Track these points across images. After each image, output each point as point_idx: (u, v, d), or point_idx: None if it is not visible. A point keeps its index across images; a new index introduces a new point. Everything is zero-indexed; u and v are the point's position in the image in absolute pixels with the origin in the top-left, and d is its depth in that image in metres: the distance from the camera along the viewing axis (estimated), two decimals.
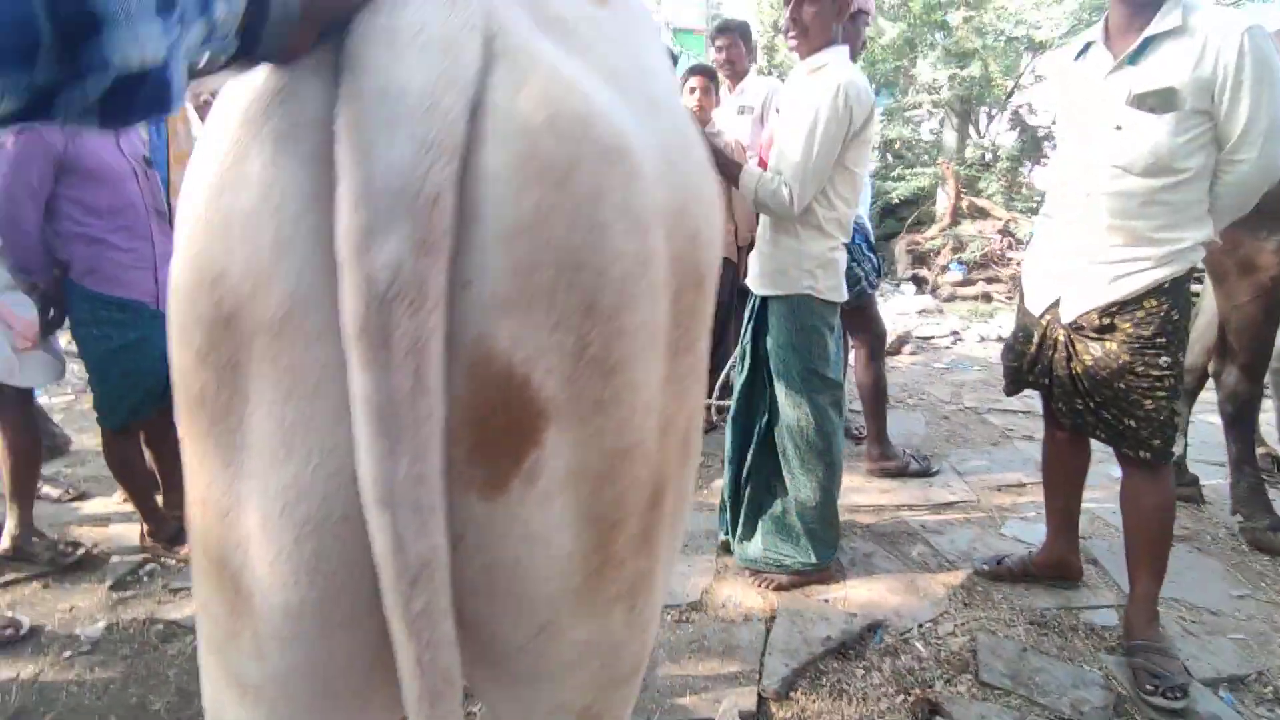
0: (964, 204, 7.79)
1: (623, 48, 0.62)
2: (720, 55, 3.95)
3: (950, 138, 8.78)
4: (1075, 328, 1.92)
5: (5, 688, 2.01)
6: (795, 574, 2.41)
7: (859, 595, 2.38)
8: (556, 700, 0.66)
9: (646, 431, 0.58)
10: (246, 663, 0.56)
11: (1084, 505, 2.83)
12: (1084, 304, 1.88)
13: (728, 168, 2.22)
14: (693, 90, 3.62)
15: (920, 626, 2.21)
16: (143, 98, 0.42)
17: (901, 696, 1.92)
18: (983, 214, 7.83)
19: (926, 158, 8.83)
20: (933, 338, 5.86)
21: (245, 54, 0.48)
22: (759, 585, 2.44)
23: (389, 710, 0.58)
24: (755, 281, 2.37)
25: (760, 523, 2.51)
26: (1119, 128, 1.75)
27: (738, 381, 2.51)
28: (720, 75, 3.95)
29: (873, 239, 3.34)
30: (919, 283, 7.76)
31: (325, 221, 0.47)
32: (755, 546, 2.49)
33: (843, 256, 2.28)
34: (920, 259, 8.12)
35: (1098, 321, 1.86)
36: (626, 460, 0.57)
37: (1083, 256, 1.87)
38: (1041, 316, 2.02)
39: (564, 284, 0.51)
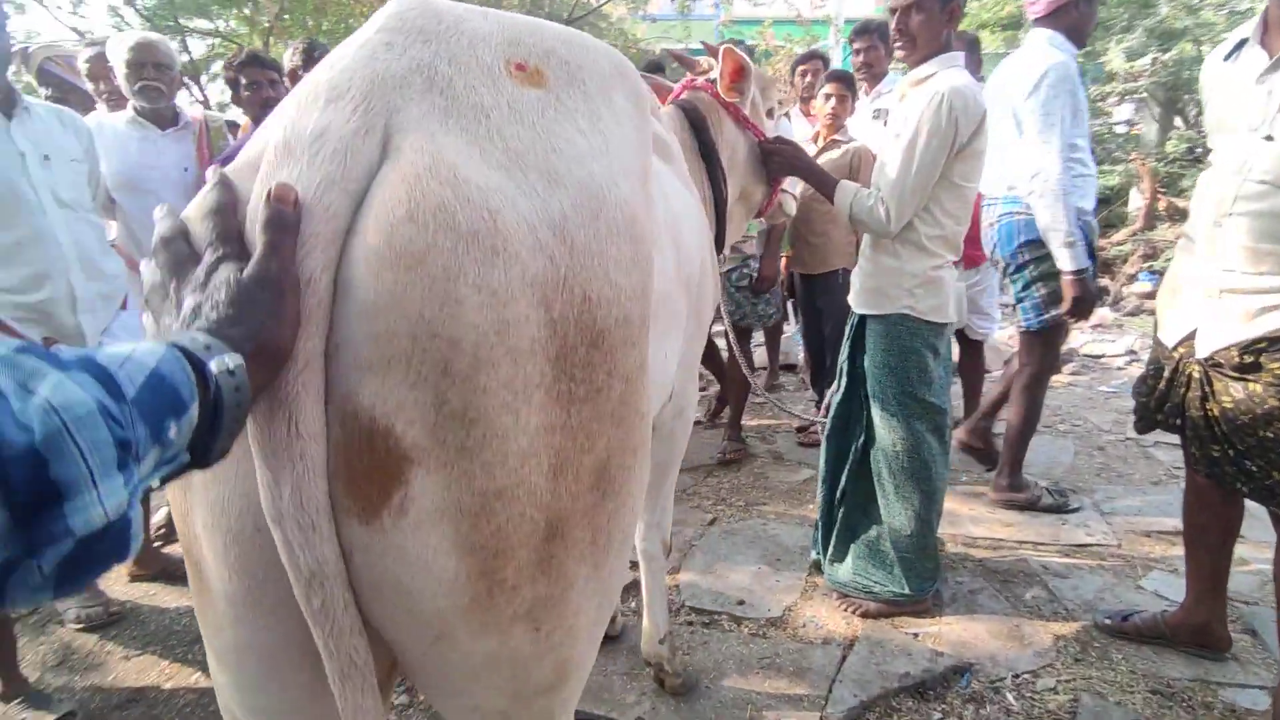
0: (1161, 205, 6.80)
1: (536, 130, 0.69)
2: (858, 58, 3.80)
3: (1150, 130, 7.69)
4: (1212, 364, 1.67)
5: (190, 614, 2.45)
6: (885, 603, 2.30)
7: (953, 634, 2.22)
8: (470, 702, 0.74)
9: (526, 473, 0.64)
10: (213, 634, 0.70)
11: (1255, 566, 2.45)
12: (1222, 338, 1.63)
13: (823, 183, 2.16)
14: (828, 97, 3.52)
15: (1016, 677, 2.03)
16: (102, 553, 0.39)
17: None
18: (1185, 216, 6.79)
19: (1119, 153, 7.80)
20: (1103, 356, 5.21)
21: (199, 464, 0.49)
22: (845, 609, 2.36)
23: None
24: (854, 299, 2.29)
25: (852, 546, 2.42)
26: (1269, 138, 1.49)
27: (833, 399, 2.43)
28: (857, 78, 3.80)
29: (1096, 244, 2.87)
30: (1100, 293, 6.90)
31: None
32: (845, 569, 2.40)
33: (949, 275, 2.13)
34: (1104, 266, 7.21)
35: (1238, 359, 1.60)
36: (502, 499, 0.63)
37: (1223, 284, 1.62)
38: (1174, 349, 1.77)
39: (419, 350, 0.59)
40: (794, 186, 3.39)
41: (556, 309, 0.63)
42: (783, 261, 3.88)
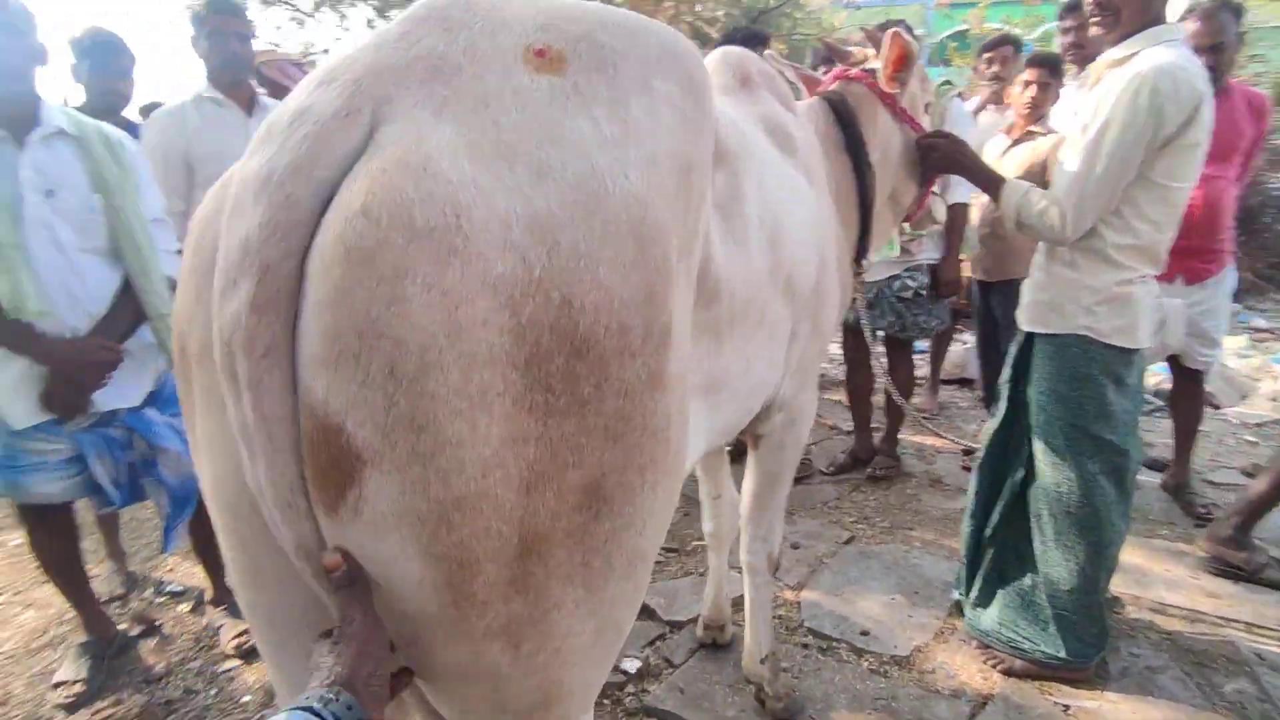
0: None
1: (538, 119, 0.64)
2: (1067, 38, 3.30)
3: None
4: None
5: None
6: (1034, 662, 2.00)
7: (1116, 715, 1.87)
8: (459, 707, 0.73)
9: (490, 485, 0.61)
10: (235, 585, 0.75)
11: None
12: None
13: (988, 181, 1.89)
14: (1026, 84, 3.10)
15: None
16: None
17: None
18: None
19: None
20: None
21: None
22: (985, 662, 2.08)
23: None
24: (1023, 313, 1.99)
25: (1001, 592, 2.13)
26: None
27: (990, 424, 2.14)
28: (1066, 61, 3.31)
29: None
30: None
31: None
32: (990, 617, 2.12)
33: (1143, 291, 1.78)
34: None
35: None
36: (463, 510, 0.60)
37: None
38: None
39: (367, 349, 0.57)
40: (966, 193, 3.04)
41: (526, 313, 0.59)
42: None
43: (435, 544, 0.61)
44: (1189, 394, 2.95)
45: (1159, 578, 2.48)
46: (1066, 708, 1.91)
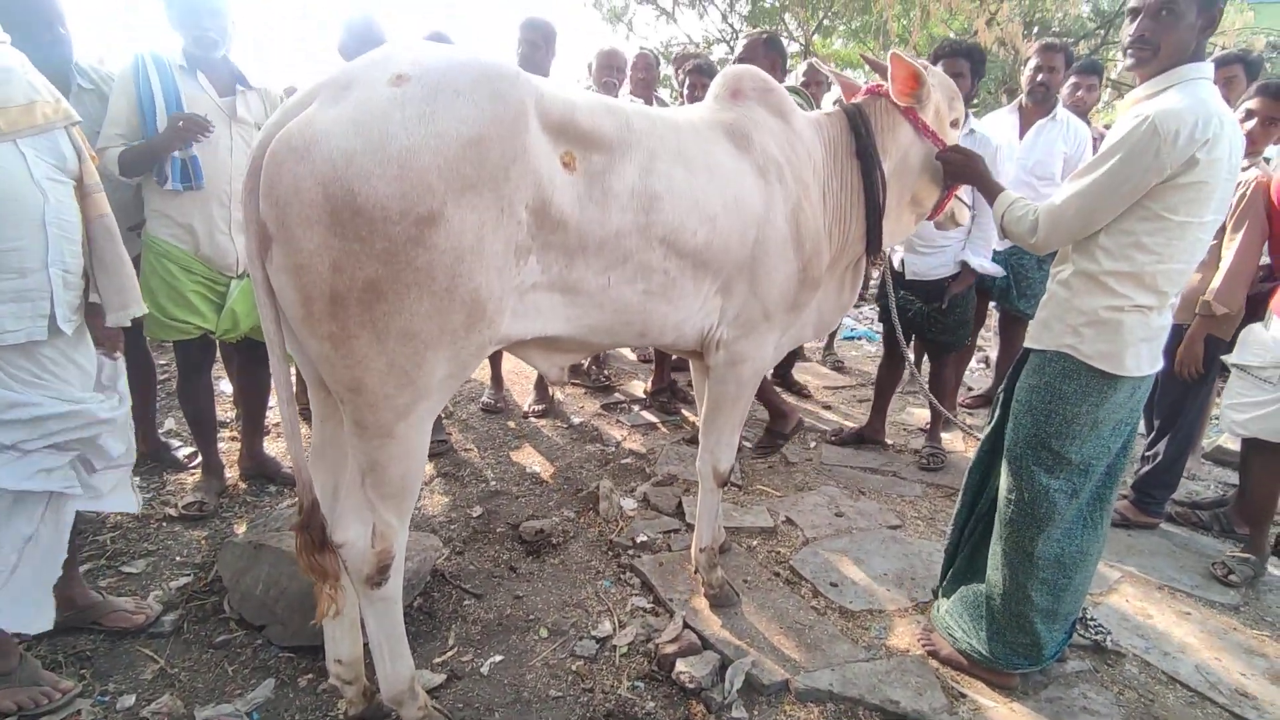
0: None
1: (373, 105, 1.17)
2: (1039, 77, 2.89)
3: None
4: None
5: None
6: (961, 653, 2.04)
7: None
8: (325, 377, 1.31)
9: (315, 263, 1.15)
10: None
11: None
12: None
13: (989, 192, 1.91)
14: (1249, 115, 2.62)
15: None
16: None
17: None
18: None
19: None
20: None
21: None
22: (920, 641, 2.15)
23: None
24: (1030, 329, 1.96)
25: (963, 586, 2.15)
26: None
27: (987, 427, 2.13)
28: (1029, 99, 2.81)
29: None
30: None
31: None
32: (945, 605, 2.17)
33: (1136, 322, 1.68)
34: None
35: None
36: (303, 272, 1.17)
37: None
38: None
39: (271, 192, 1.16)
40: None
41: (331, 190, 1.13)
42: None
43: (298, 282, 1.20)
44: None
45: (1199, 654, 2.17)
46: (962, 695, 1.94)
